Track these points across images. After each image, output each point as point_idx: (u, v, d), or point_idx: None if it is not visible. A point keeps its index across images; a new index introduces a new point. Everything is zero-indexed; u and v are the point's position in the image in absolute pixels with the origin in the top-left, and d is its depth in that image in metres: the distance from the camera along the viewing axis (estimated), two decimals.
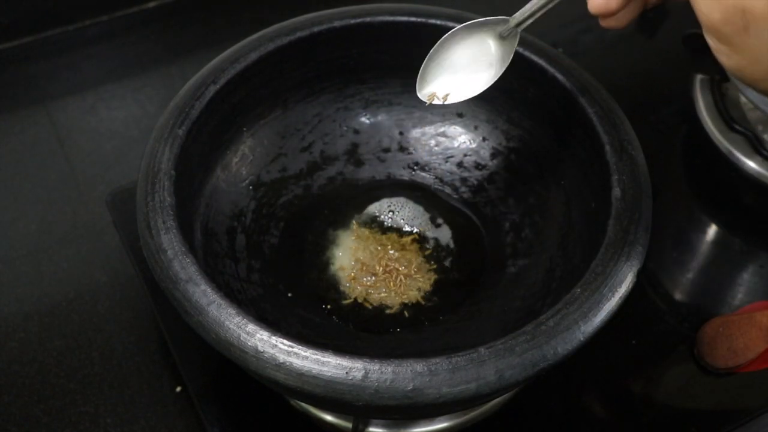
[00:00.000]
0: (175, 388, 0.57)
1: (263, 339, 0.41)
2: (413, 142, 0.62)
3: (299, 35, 0.55)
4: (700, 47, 0.76)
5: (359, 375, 0.40)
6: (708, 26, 0.39)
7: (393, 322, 0.55)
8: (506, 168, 0.60)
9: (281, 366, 0.40)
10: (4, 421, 0.56)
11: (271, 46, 0.55)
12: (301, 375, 0.40)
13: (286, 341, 0.41)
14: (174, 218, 0.46)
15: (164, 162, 0.48)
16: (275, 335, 0.41)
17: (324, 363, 0.40)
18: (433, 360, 0.40)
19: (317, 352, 0.40)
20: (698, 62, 0.75)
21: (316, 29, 0.56)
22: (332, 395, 0.40)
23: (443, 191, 0.61)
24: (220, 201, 0.55)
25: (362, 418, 0.51)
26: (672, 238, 0.66)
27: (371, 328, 0.54)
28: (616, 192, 0.48)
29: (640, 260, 0.46)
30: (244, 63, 0.54)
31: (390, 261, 0.57)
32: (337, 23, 0.56)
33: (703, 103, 0.71)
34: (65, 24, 0.80)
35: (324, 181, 0.61)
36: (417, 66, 0.60)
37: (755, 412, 0.56)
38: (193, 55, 0.80)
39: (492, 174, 0.60)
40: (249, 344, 0.41)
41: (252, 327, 0.41)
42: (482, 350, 0.41)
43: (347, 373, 0.40)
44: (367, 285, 0.56)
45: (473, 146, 0.61)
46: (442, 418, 0.53)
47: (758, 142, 0.67)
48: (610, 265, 0.45)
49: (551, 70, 0.54)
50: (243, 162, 0.58)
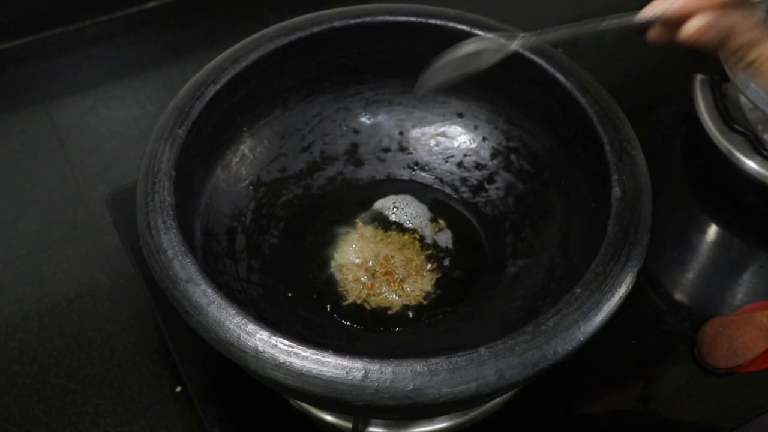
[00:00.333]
0: (175, 388, 0.57)
1: (263, 339, 0.41)
2: (413, 142, 0.62)
3: (299, 35, 0.55)
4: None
5: (359, 375, 0.40)
6: None
7: (393, 322, 0.55)
8: (506, 168, 0.60)
9: (281, 366, 0.40)
10: (4, 421, 0.56)
11: (271, 46, 0.55)
12: (301, 375, 0.40)
13: (286, 341, 0.41)
14: (174, 218, 0.46)
15: (164, 162, 0.48)
16: (275, 335, 0.41)
17: (324, 363, 0.40)
18: (433, 360, 0.40)
19: (317, 352, 0.40)
20: (698, 62, 0.75)
21: (316, 29, 0.56)
22: (332, 395, 0.40)
23: (443, 191, 0.61)
24: (220, 201, 0.55)
25: (362, 418, 0.51)
26: (672, 238, 0.66)
27: (371, 328, 0.54)
28: (616, 192, 0.48)
29: (640, 260, 0.46)
30: (244, 63, 0.54)
31: (390, 261, 0.57)
32: (337, 23, 0.56)
33: (703, 103, 0.71)
34: (65, 24, 0.80)
35: (324, 181, 0.61)
36: (417, 66, 0.60)
37: (755, 412, 0.56)
38: (193, 55, 0.80)
39: (492, 174, 0.60)
40: (249, 344, 0.41)
41: (252, 327, 0.41)
42: (482, 350, 0.41)
43: (347, 373, 0.40)
44: (367, 285, 0.56)
45: (473, 146, 0.61)
46: (442, 418, 0.53)
47: (758, 142, 0.67)
48: (610, 265, 0.45)
49: (551, 70, 0.54)
50: (243, 162, 0.58)
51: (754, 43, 0.41)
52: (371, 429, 0.53)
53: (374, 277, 0.56)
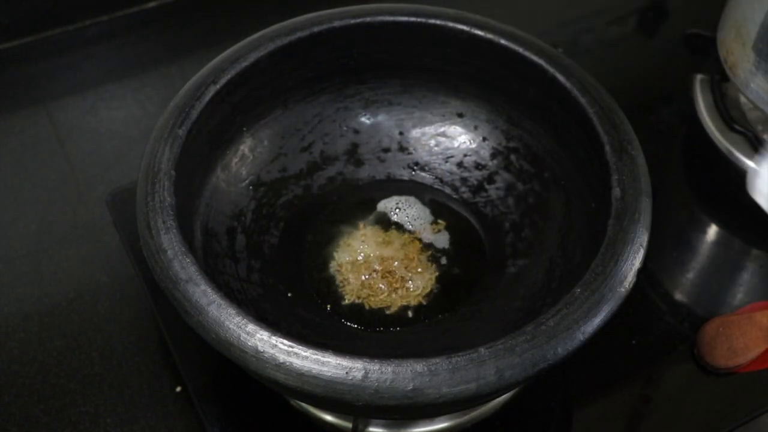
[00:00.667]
0: (175, 388, 0.57)
1: (263, 339, 0.41)
2: (413, 142, 0.62)
3: (299, 35, 0.55)
4: (700, 47, 0.77)
5: (359, 375, 0.40)
6: None
7: (393, 322, 0.55)
8: (506, 168, 0.60)
9: (281, 366, 0.40)
10: (4, 421, 0.56)
11: (271, 46, 0.55)
12: (301, 375, 0.40)
13: (286, 341, 0.41)
14: (174, 218, 0.46)
15: (164, 162, 0.48)
16: (275, 335, 0.41)
17: (324, 363, 0.40)
18: (433, 360, 0.40)
19: (317, 352, 0.40)
20: (698, 62, 0.75)
21: (316, 29, 0.56)
22: (332, 395, 0.40)
23: (443, 191, 0.61)
24: (220, 201, 0.55)
25: (362, 418, 0.51)
26: (672, 238, 0.66)
27: (371, 328, 0.54)
28: (616, 192, 0.48)
29: (640, 260, 0.46)
30: (244, 63, 0.54)
31: (390, 261, 0.57)
32: (337, 23, 0.56)
33: (703, 103, 0.71)
34: (65, 24, 0.80)
35: (324, 181, 0.61)
36: (417, 66, 0.60)
37: (755, 412, 0.56)
38: (193, 55, 0.80)
39: (492, 174, 0.60)
40: (249, 344, 0.41)
41: (252, 327, 0.41)
42: (482, 350, 0.41)
43: (347, 373, 0.40)
44: (367, 285, 0.56)
45: (473, 146, 0.61)
46: (442, 418, 0.53)
47: (758, 142, 0.67)
48: (610, 265, 0.44)
49: (551, 70, 0.54)
50: (243, 162, 0.58)
51: None
52: (371, 429, 0.53)
53: (374, 277, 0.56)
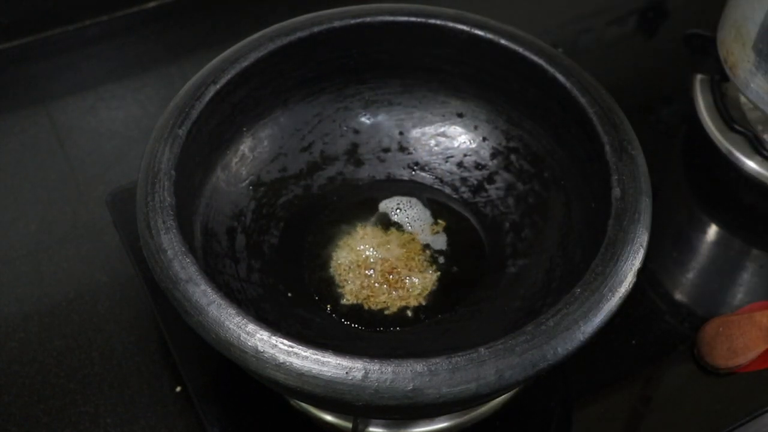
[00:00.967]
0: (175, 388, 0.57)
1: (263, 339, 0.41)
2: (413, 142, 0.62)
3: (299, 35, 0.55)
4: (700, 47, 0.76)
5: (359, 375, 0.40)
6: None
7: (393, 322, 0.55)
8: (506, 168, 0.60)
9: (281, 366, 0.40)
10: (4, 421, 0.56)
11: (271, 46, 0.55)
12: (301, 375, 0.40)
13: (286, 341, 0.41)
14: (174, 218, 0.46)
15: (164, 162, 0.48)
16: (275, 335, 0.41)
17: (324, 363, 0.40)
18: (433, 360, 0.40)
19: (317, 352, 0.40)
20: (698, 62, 0.75)
21: (316, 29, 0.56)
22: (332, 395, 0.40)
23: (443, 191, 0.61)
24: (220, 201, 0.55)
25: (362, 418, 0.51)
26: (672, 238, 0.66)
27: (371, 328, 0.54)
28: (616, 192, 0.48)
29: (640, 260, 0.46)
30: (244, 63, 0.54)
31: (390, 261, 0.57)
32: (337, 23, 0.56)
33: (703, 103, 0.71)
34: (65, 24, 0.80)
35: (324, 181, 0.61)
36: (417, 66, 0.60)
37: (755, 412, 0.56)
38: (193, 55, 0.80)
39: (492, 174, 0.60)
40: (249, 344, 0.41)
41: (252, 327, 0.41)
42: (482, 350, 0.41)
43: (347, 373, 0.40)
44: (367, 285, 0.56)
45: (473, 146, 0.61)
46: (442, 418, 0.53)
47: (758, 142, 0.67)
48: (610, 265, 0.44)
49: (551, 70, 0.54)
50: (243, 162, 0.58)
51: None
52: (371, 429, 0.53)
53: (374, 277, 0.56)
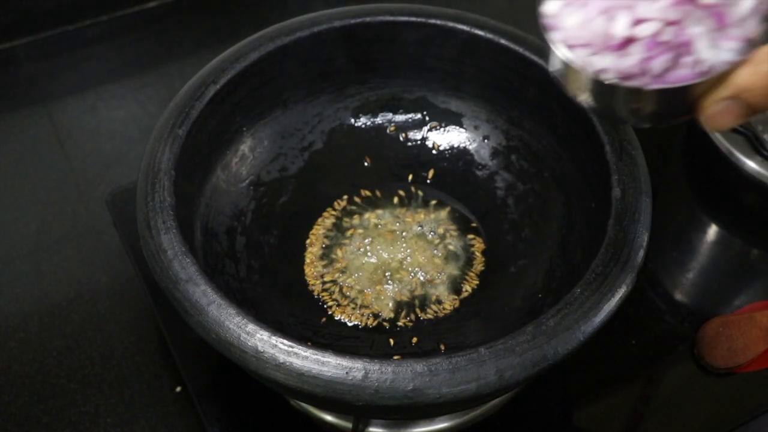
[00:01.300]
0: (175, 388, 0.57)
1: (263, 339, 0.41)
2: (414, 142, 0.62)
3: (299, 35, 0.55)
4: None
5: (359, 375, 0.40)
6: None
7: (393, 322, 0.55)
8: (506, 168, 0.60)
9: (281, 366, 0.40)
10: (4, 421, 0.56)
11: (271, 46, 0.55)
12: (301, 375, 0.40)
13: (286, 341, 0.41)
14: (174, 218, 0.46)
15: (164, 162, 0.48)
16: (275, 335, 0.41)
17: (324, 363, 0.40)
18: (433, 360, 0.40)
19: (317, 352, 0.40)
20: None
21: (316, 29, 0.56)
22: (332, 395, 0.40)
23: (443, 191, 0.61)
24: (220, 201, 0.55)
25: (362, 418, 0.51)
26: (672, 238, 0.66)
27: (371, 328, 0.54)
28: (616, 192, 0.48)
29: (640, 260, 0.46)
30: (244, 63, 0.54)
31: (390, 261, 0.57)
32: (337, 23, 0.56)
33: None
34: (65, 24, 0.80)
35: (324, 181, 0.61)
36: (417, 66, 0.60)
37: (755, 412, 0.56)
38: (193, 55, 0.80)
39: (492, 174, 0.60)
40: (249, 344, 0.41)
41: (252, 327, 0.41)
42: (482, 350, 0.41)
43: (347, 373, 0.40)
44: (368, 284, 0.56)
45: (473, 146, 0.61)
46: (442, 418, 0.53)
47: (758, 142, 0.67)
48: (610, 265, 0.44)
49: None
50: (243, 162, 0.58)
51: None
52: (371, 429, 0.53)
53: (375, 277, 0.56)
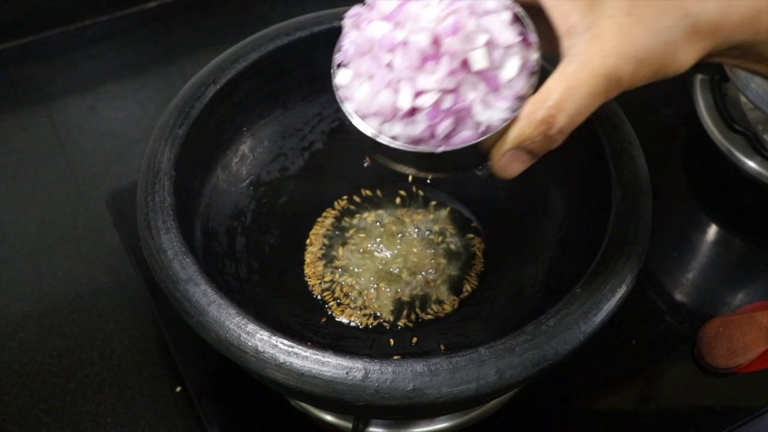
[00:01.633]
0: (175, 388, 0.57)
1: (263, 339, 0.41)
2: None
3: (299, 35, 0.55)
4: None
5: (359, 375, 0.40)
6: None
7: (393, 322, 0.55)
8: None
9: (281, 366, 0.40)
10: (4, 421, 0.56)
11: (271, 46, 0.55)
12: (301, 375, 0.40)
13: (286, 341, 0.41)
14: (174, 218, 0.46)
15: (164, 162, 0.48)
16: (275, 335, 0.41)
17: (324, 363, 0.40)
18: (433, 360, 0.40)
19: (317, 352, 0.40)
20: (698, 63, 0.75)
21: (316, 29, 0.56)
22: (332, 395, 0.40)
23: (444, 191, 0.61)
24: (220, 201, 0.55)
25: (362, 418, 0.51)
26: (672, 238, 0.66)
27: (371, 328, 0.54)
28: (616, 192, 0.48)
29: (640, 260, 0.46)
30: (244, 63, 0.54)
31: (390, 261, 0.57)
32: (337, 23, 0.56)
33: (703, 103, 0.71)
34: (65, 24, 0.80)
35: (324, 181, 0.61)
36: None
37: (755, 412, 0.56)
38: (193, 55, 0.80)
39: (492, 174, 0.60)
40: (249, 344, 0.41)
41: (252, 327, 0.41)
42: (482, 350, 0.41)
43: (347, 373, 0.40)
44: (367, 285, 0.56)
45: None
46: (442, 418, 0.53)
47: (758, 142, 0.67)
48: (610, 265, 0.44)
49: (551, 70, 0.54)
50: (243, 162, 0.58)
51: None
52: (371, 429, 0.53)
53: (374, 277, 0.56)
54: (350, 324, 0.55)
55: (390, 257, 0.57)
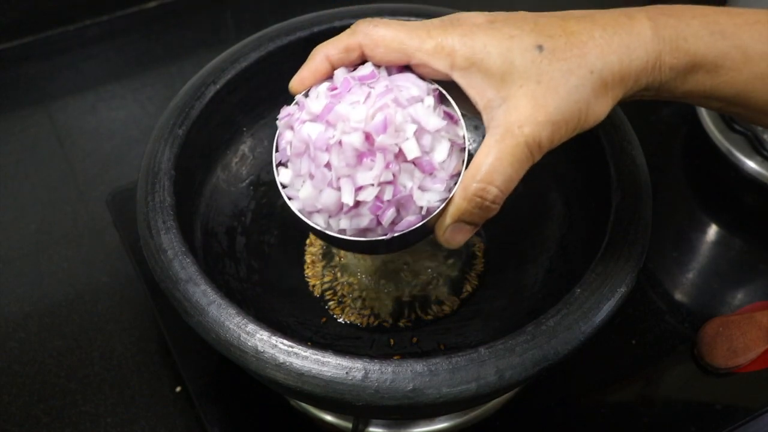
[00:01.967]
0: (175, 388, 0.57)
1: (263, 339, 0.41)
2: None
3: (299, 35, 0.55)
4: None
5: (359, 375, 0.40)
6: None
7: (393, 322, 0.55)
8: None
9: (281, 366, 0.40)
10: (4, 421, 0.56)
11: (271, 46, 0.55)
12: (301, 375, 0.40)
13: (286, 341, 0.41)
14: (174, 218, 0.46)
15: (164, 162, 0.48)
16: (275, 335, 0.41)
17: (324, 363, 0.40)
18: (433, 360, 0.40)
19: (317, 352, 0.40)
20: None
21: (316, 29, 0.56)
22: (332, 395, 0.40)
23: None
24: (220, 201, 0.55)
25: (362, 418, 0.51)
26: (672, 238, 0.66)
27: (371, 328, 0.54)
28: (616, 192, 0.48)
29: (640, 260, 0.46)
30: (244, 63, 0.54)
31: (390, 261, 0.57)
32: (337, 23, 0.56)
33: None
34: (65, 24, 0.80)
35: None
36: None
37: (755, 412, 0.56)
38: (193, 55, 0.80)
39: None
40: (249, 344, 0.41)
41: (252, 327, 0.41)
42: (482, 350, 0.41)
43: (347, 373, 0.40)
44: (367, 285, 0.56)
45: (473, 146, 0.61)
46: (442, 418, 0.53)
47: (758, 142, 0.67)
48: (610, 265, 0.44)
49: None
50: (243, 162, 0.58)
51: None
52: (371, 429, 0.53)
53: (375, 277, 0.56)
54: (350, 324, 0.55)
55: (390, 257, 0.57)
